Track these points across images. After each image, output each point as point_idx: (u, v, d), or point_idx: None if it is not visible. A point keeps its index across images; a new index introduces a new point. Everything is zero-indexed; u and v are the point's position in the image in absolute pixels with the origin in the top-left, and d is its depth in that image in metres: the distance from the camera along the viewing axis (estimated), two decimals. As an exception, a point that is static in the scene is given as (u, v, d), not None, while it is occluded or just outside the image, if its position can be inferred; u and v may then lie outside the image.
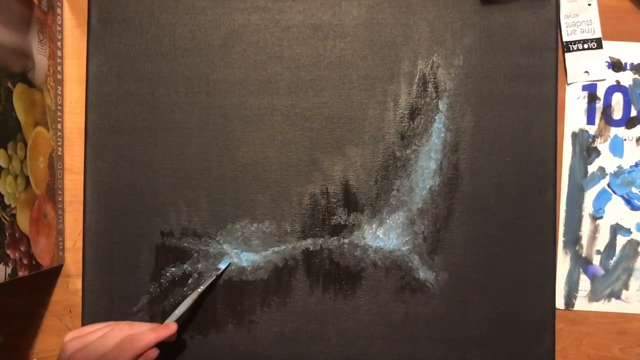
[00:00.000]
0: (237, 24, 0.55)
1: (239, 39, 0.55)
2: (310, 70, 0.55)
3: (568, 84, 0.56)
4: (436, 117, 0.55)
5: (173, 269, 0.55)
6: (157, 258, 0.55)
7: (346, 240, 0.55)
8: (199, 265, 0.55)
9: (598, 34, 0.56)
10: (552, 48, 0.55)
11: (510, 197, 0.55)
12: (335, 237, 0.55)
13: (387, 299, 0.55)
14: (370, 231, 0.55)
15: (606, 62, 0.57)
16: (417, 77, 0.55)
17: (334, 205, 0.55)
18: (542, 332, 0.55)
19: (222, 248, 0.55)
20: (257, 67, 0.55)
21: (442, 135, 0.55)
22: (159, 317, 0.55)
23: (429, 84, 0.55)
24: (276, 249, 0.55)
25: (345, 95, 0.55)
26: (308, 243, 0.55)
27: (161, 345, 0.55)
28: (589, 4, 0.56)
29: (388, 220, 0.55)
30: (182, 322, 0.52)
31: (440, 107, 0.55)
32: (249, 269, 0.55)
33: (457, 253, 0.55)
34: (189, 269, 0.55)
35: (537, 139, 0.55)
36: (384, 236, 0.55)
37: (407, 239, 0.55)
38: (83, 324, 0.55)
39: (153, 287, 0.55)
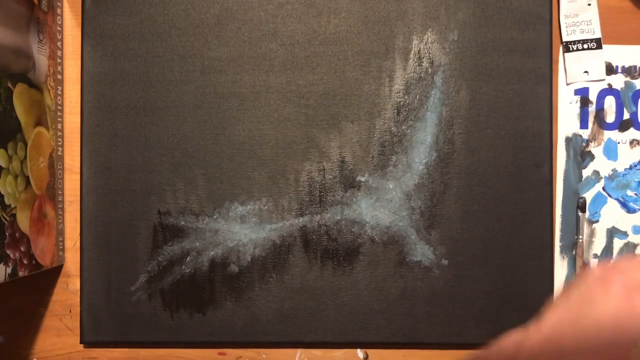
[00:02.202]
0: (231, 1, 0.55)
1: (232, 16, 0.55)
2: (305, 47, 0.55)
3: (567, 84, 0.56)
4: (432, 92, 0.55)
5: (171, 248, 0.55)
6: (155, 237, 0.55)
7: (343, 217, 0.55)
8: (197, 244, 0.55)
9: (598, 34, 0.56)
10: (546, 21, 0.55)
11: (506, 171, 0.55)
12: (333, 214, 0.55)
13: (385, 274, 0.55)
14: (367, 207, 0.55)
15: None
16: (412, 52, 0.55)
17: (331, 182, 0.55)
18: (541, 305, 0.55)
19: (220, 226, 0.55)
20: (252, 45, 0.55)
21: (438, 110, 0.55)
22: (157, 295, 0.55)
23: (424, 59, 0.55)
24: (274, 226, 0.55)
25: (341, 71, 0.55)
26: (305, 220, 0.55)
27: (158, 323, 0.56)
28: (589, 4, 0.56)
29: (385, 196, 0.55)
30: None
31: (436, 82, 0.55)
32: (246, 246, 0.55)
33: (454, 227, 0.55)
34: (187, 247, 0.55)
35: (533, 112, 0.55)
36: (381, 212, 0.55)
37: (404, 214, 0.55)
38: (81, 302, 0.55)
39: (151, 265, 0.55)
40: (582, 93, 0.57)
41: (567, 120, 0.57)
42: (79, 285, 0.56)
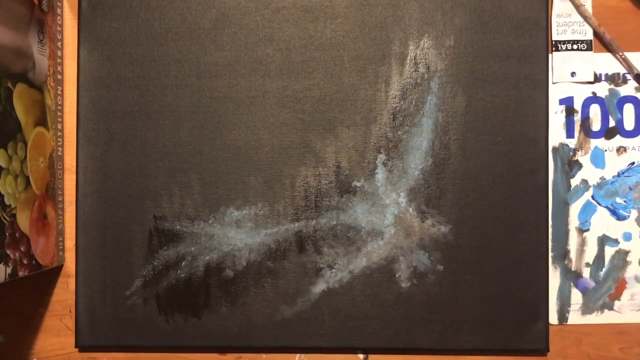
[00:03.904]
0: (227, 6, 0.55)
1: (229, 21, 0.55)
2: (301, 52, 0.55)
3: (553, 83, 0.56)
4: (428, 98, 0.55)
5: (166, 252, 0.55)
6: (150, 241, 0.55)
7: (339, 222, 0.55)
8: (192, 249, 0.55)
9: (589, 36, 0.56)
10: (542, 27, 0.55)
11: (502, 177, 0.55)
12: (328, 219, 0.55)
13: (380, 280, 0.55)
14: (363, 212, 0.55)
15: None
16: (408, 57, 0.55)
17: (327, 187, 0.55)
18: (536, 310, 0.55)
19: (215, 231, 0.55)
20: (248, 49, 0.55)
21: (434, 115, 0.55)
22: (152, 300, 0.55)
23: (420, 65, 0.55)
24: (269, 231, 0.55)
25: (337, 76, 0.55)
26: (301, 225, 0.55)
27: (153, 327, 0.56)
28: (583, 5, 0.56)
29: (380, 201, 0.55)
30: None
31: (432, 87, 0.55)
32: (242, 251, 0.55)
33: (449, 233, 0.55)
34: (182, 252, 0.55)
35: (529, 118, 0.55)
36: (376, 217, 0.55)
37: (399, 219, 0.55)
38: (77, 306, 0.55)
39: (146, 270, 0.55)
40: (567, 102, 0.57)
41: (553, 131, 0.57)
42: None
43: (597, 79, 0.56)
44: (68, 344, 0.57)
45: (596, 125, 0.57)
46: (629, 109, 0.57)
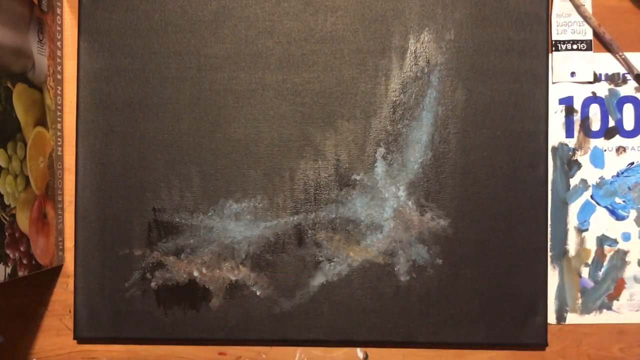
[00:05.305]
0: (228, -2, 0.55)
1: (229, 13, 0.55)
2: (302, 45, 0.55)
3: (553, 83, 0.56)
4: (428, 92, 0.55)
5: (165, 245, 0.55)
6: (149, 233, 0.55)
7: (338, 215, 0.55)
8: (191, 241, 0.55)
9: (589, 36, 0.56)
10: (542, 21, 0.55)
11: (501, 171, 0.55)
12: (327, 212, 0.55)
13: (379, 273, 0.55)
14: (362, 206, 0.55)
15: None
16: (409, 51, 0.55)
17: (326, 180, 0.55)
18: (535, 305, 0.55)
19: (214, 223, 0.55)
20: (248, 42, 0.55)
21: (434, 109, 0.55)
22: (151, 292, 0.55)
23: (420, 59, 0.55)
24: (268, 224, 0.55)
25: (337, 69, 0.55)
26: (300, 218, 0.55)
27: (151, 320, 0.56)
28: (583, 5, 0.56)
29: (380, 195, 0.55)
30: None
31: (432, 81, 0.55)
32: (241, 244, 0.55)
33: (448, 227, 0.55)
34: (181, 244, 0.55)
35: (529, 112, 0.55)
36: (375, 210, 0.55)
37: (398, 212, 0.55)
38: (75, 298, 0.55)
39: (145, 262, 0.55)
40: (567, 102, 0.57)
41: (552, 130, 0.56)
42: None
43: (597, 79, 0.57)
44: (68, 344, 0.57)
45: (596, 125, 0.57)
46: (628, 109, 0.57)
